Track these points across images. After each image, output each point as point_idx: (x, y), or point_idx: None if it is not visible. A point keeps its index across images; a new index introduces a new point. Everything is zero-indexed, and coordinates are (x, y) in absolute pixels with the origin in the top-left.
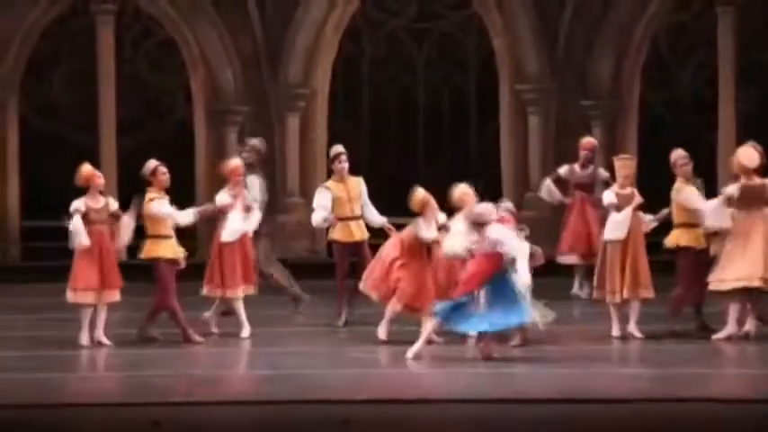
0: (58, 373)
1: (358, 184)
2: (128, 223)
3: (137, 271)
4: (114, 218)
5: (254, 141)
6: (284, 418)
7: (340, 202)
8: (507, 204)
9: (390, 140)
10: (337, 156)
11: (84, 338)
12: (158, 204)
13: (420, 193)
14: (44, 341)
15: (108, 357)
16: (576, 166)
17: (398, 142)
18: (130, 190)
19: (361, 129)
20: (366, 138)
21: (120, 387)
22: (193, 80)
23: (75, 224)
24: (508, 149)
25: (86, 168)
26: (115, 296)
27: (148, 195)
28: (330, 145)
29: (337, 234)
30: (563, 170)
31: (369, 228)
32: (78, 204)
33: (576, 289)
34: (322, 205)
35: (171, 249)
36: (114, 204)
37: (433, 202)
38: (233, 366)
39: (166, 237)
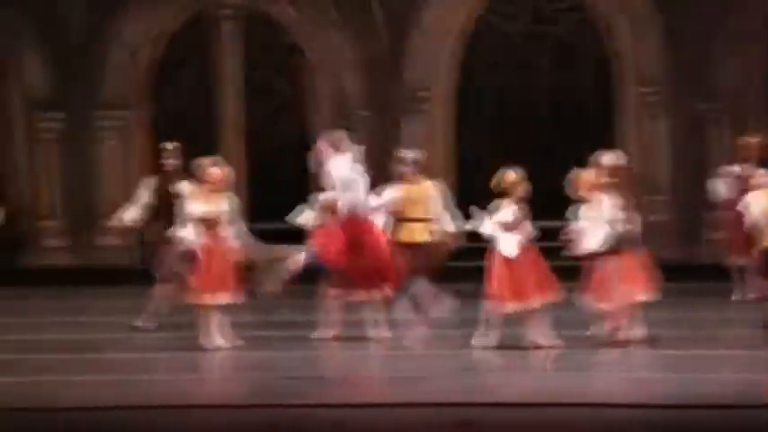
0: (190, 374)
1: (431, 188)
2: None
3: None
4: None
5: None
6: (405, 420)
7: (409, 203)
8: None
9: (509, 145)
10: (403, 159)
11: (215, 341)
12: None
13: (513, 174)
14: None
15: (244, 358)
16: (742, 167)
17: (516, 147)
18: (259, 194)
19: (480, 133)
20: (485, 142)
21: (249, 388)
22: (318, 84)
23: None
24: (632, 153)
25: (216, 172)
26: (232, 298)
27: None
28: (451, 149)
29: (401, 235)
30: (736, 169)
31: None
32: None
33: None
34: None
35: None
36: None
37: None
38: (356, 369)
39: None
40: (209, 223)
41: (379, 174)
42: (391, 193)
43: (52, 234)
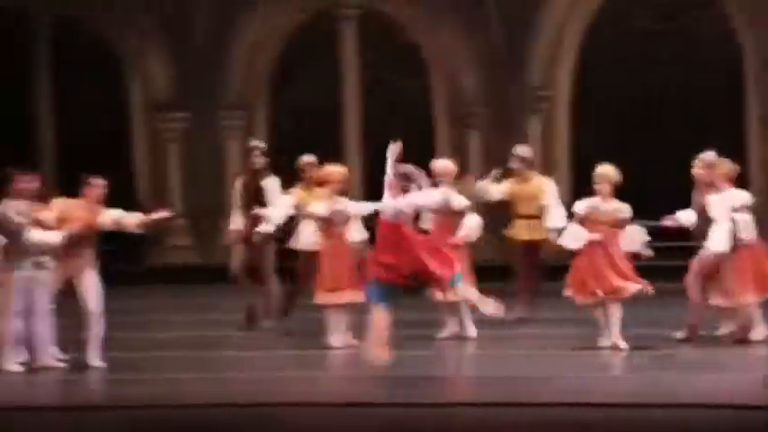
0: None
1: (542, 184)
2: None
3: None
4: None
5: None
6: (523, 420)
7: (518, 199)
8: None
9: (632, 142)
10: (513, 156)
11: (338, 340)
12: None
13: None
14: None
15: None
16: None
17: (640, 143)
18: (373, 191)
19: (602, 130)
20: (608, 139)
21: (372, 387)
22: (434, 82)
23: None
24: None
25: (338, 171)
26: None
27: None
28: (571, 147)
29: (513, 232)
30: None
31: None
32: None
33: None
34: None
35: None
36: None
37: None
38: (456, 368)
39: None
40: (330, 223)
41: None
42: (451, 194)
43: (176, 233)
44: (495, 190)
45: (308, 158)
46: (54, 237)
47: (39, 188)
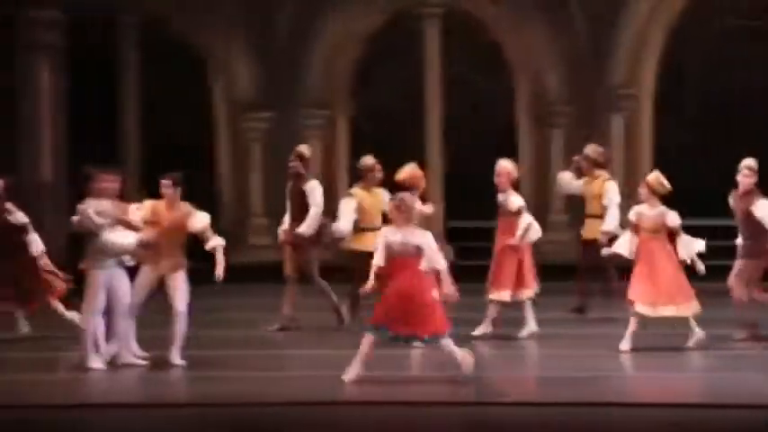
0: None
1: (604, 185)
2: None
3: None
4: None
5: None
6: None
7: (585, 198)
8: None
9: (716, 141)
10: (583, 156)
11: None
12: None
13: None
14: None
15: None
16: None
17: (725, 143)
18: (455, 192)
19: (685, 129)
20: (692, 138)
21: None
22: (517, 82)
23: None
24: None
25: (413, 169)
26: None
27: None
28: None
29: (581, 230)
30: None
31: None
32: None
33: None
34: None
35: None
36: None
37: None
38: (525, 368)
39: None
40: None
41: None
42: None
43: (258, 232)
44: (576, 185)
45: (369, 160)
46: (129, 240)
47: (121, 188)
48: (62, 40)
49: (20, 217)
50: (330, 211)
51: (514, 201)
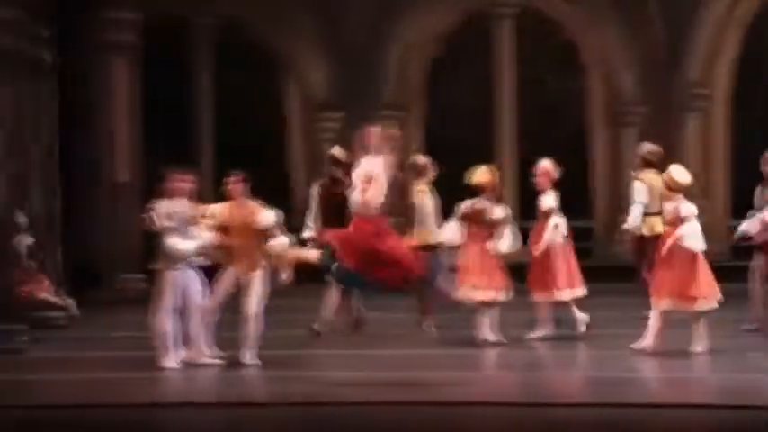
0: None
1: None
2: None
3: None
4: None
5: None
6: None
7: (651, 195)
8: None
9: None
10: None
11: (487, 336)
12: None
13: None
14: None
15: (507, 357)
16: None
17: None
18: (529, 193)
19: (760, 128)
20: (765, 137)
21: (518, 387)
22: (592, 81)
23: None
24: None
25: (487, 172)
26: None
27: None
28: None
29: (645, 228)
30: None
31: None
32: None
33: None
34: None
35: None
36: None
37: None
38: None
39: None
40: (474, 221)
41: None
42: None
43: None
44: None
45: (422, 158)
46: (188, 245)
47: (195, 188)
48: (138, 41)
49: None
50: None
51: (545, 201)
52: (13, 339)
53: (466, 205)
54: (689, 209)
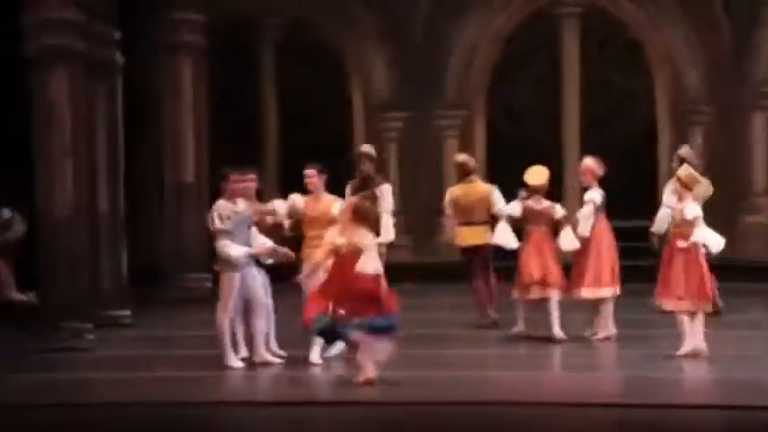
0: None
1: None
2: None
3: None
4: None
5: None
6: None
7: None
8: None
9: None
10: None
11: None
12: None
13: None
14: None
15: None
16: None
17: None
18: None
19: None
20: None
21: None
22: (657, 80)
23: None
24: None
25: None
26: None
27: None
28: None
29: None
30: None
31: None
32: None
33: None
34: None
35: None
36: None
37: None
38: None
39: None
40: (533, 221)
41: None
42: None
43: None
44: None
45: (464, 157)
46: (237, 251)
47: (257, 188)
48: (203, 42)
49: None
50: None
51: (587, 195)
52: (80, 338)
53: (525, 206)
54: (694, 210)
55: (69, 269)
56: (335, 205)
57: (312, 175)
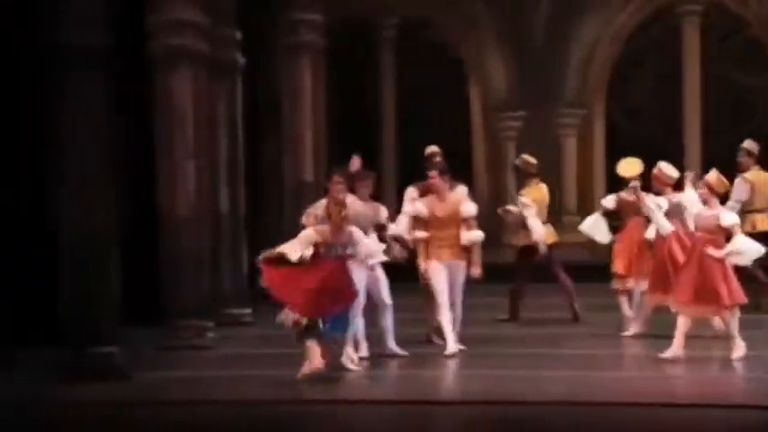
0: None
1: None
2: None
3: None
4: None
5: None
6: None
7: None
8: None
9: None
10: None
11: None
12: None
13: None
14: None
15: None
16: None
17: None
18: None
19: None
20: None
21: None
22: None
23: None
24: None
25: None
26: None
27: None
28: None
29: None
30: None
31: None
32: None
33: None
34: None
35: None
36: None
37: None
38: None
39: None
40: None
41: None
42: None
43: (513, 231)
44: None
45: (531, 158)
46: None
47: (373, 188)
48: (323, 42)
49: None
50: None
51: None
52: (202, 336)
53: (621, 197)
54: (732, 218)
55: (191, 268)
56: (464, 203)
57: (434, 176)
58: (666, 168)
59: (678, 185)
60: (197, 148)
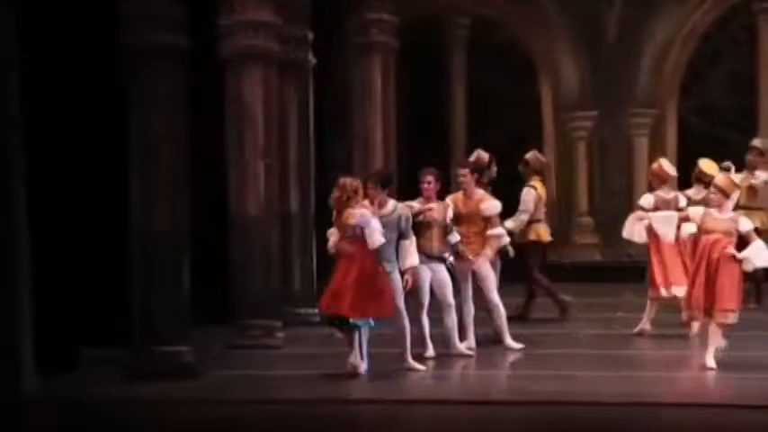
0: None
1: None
2: None
3: None
4: None
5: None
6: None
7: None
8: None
9: None
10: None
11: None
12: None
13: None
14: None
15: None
16: None
17: None
18: None
19: None
20: None
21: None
22: None
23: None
24: None
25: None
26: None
27: None
28: None
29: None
30: None
31: None
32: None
33: None
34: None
35: None
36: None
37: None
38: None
39: None
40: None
41: None
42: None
43: (583, 231)
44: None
45: (542, 157)
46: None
47: (439, 187)
48: (393, 42)
49: None
50: None
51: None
52: (271, 336)
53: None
54: (748, 224)
55: (261, 268)
56: (487, 201)
57: (463, 174)
58: (666, 166)
59: None
60: (267, 148)
